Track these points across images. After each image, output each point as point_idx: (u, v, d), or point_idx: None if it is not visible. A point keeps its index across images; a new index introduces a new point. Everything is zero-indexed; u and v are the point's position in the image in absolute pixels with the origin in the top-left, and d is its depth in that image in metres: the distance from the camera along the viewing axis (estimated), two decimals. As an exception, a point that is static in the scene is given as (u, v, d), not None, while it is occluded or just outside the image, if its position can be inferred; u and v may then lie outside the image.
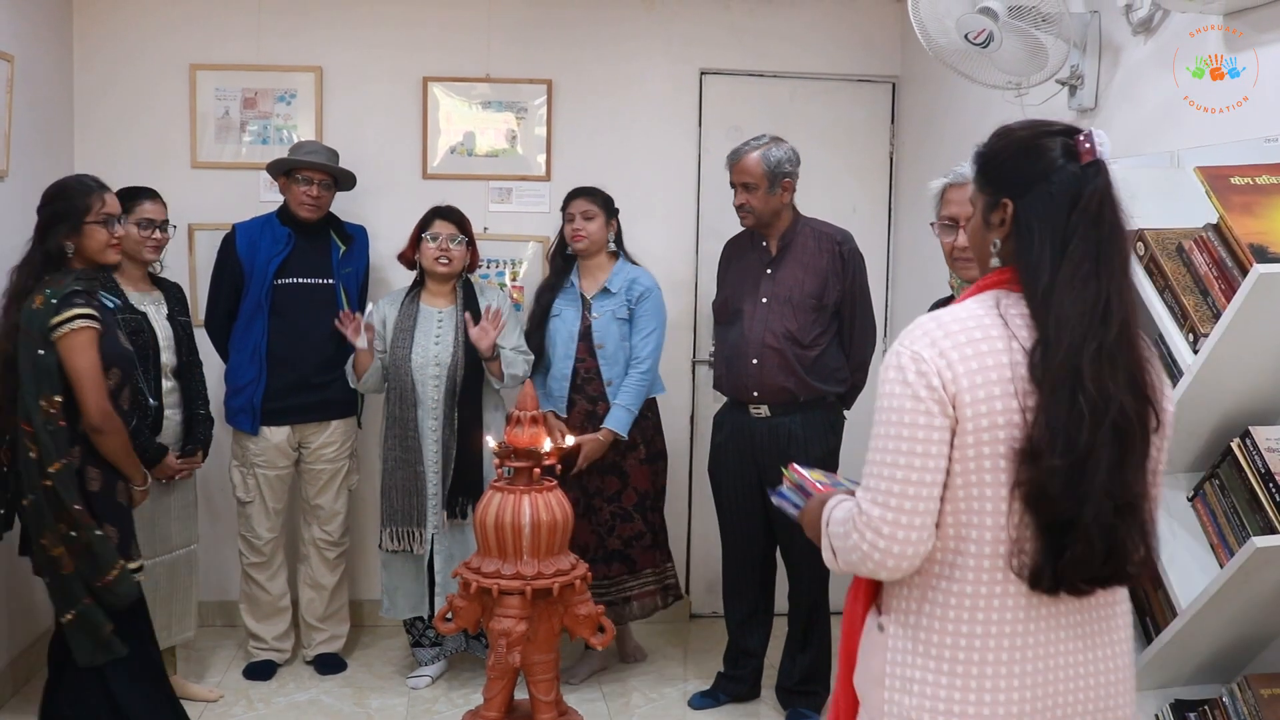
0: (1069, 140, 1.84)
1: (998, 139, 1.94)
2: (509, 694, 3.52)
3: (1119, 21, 3.43)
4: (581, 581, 3.42)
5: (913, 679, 1.86)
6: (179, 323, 4.10)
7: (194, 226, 4.85)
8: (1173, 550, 2.71)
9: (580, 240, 4.41)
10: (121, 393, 3.36)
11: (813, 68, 5.20)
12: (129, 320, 3.86)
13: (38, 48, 4.46)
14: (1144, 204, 2.84)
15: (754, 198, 4.03)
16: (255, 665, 4.53)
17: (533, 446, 3.40)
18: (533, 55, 5.06)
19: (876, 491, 1.81)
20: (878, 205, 5.29)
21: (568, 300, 4.47)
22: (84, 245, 3.31)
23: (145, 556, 3.93)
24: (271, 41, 4.93)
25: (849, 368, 4.14)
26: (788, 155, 4.05)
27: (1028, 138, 1.89)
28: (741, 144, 4.10)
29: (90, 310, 3.20)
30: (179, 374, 4.09)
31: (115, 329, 3.35)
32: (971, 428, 1.77)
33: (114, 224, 3.37)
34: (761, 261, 4.12)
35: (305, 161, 4.39)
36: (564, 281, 4.51)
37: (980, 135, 1.99)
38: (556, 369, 4.44)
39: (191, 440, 4.13)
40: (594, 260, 4.49)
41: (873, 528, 1.81)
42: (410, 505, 4.26)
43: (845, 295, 4.08)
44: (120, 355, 3.33)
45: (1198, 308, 2.57)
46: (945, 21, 3.44)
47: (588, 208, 4.43)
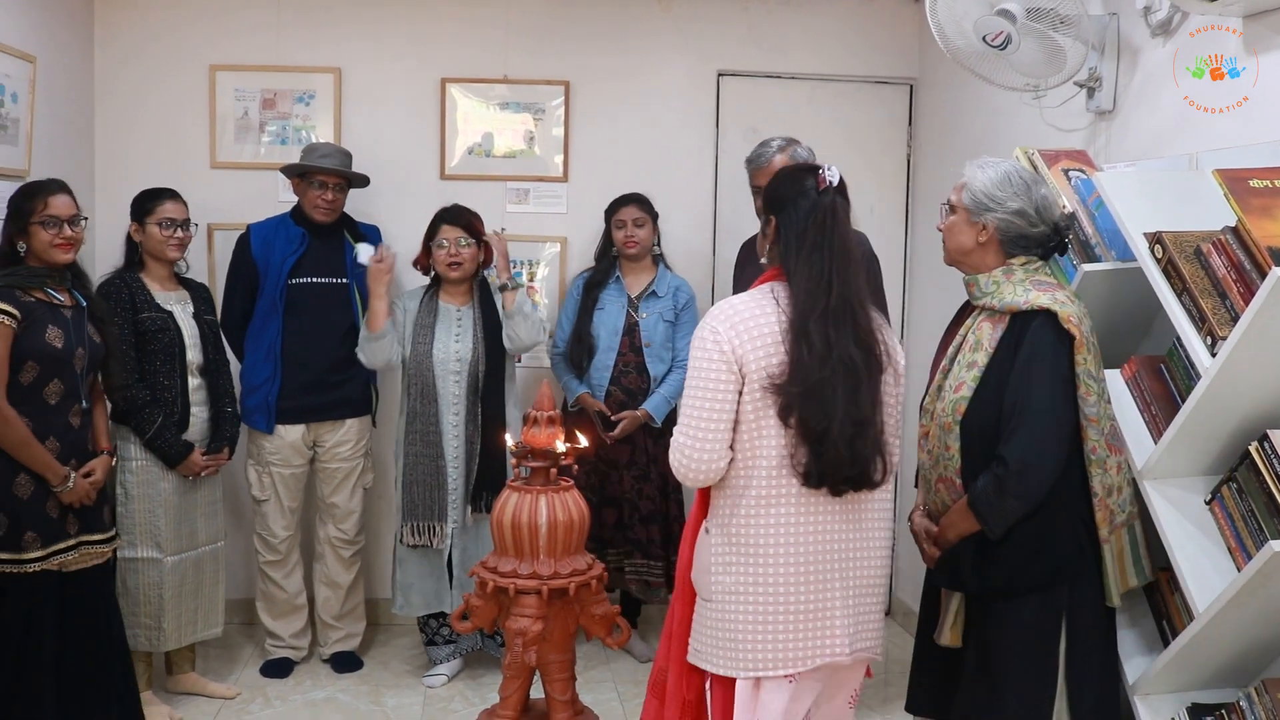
0: (814, 175, 2.61)
1: (774, 177, 2.76)
2: (525, 693, 3.52)
3: (1137, 24, 3.42)
4: (598, 581, 3.42)
5: (727, 563, 2.58)
6: (205, 321, 4.13)
7: (213, 226, 4.88)
8: (1190, 554, 2.71)
9: (633, 247, 4.66)
10: (46, 386, 3.42)
11: (830, 69, 5.20)
12: (154, 319, 3.90)
13: (59, 49, 4.49)
14: (1162, 206, 2.85)
15: None
16: (272, 663, 4.56)
17: (549, 447, 3.40)
18: (550, 56, 5.07)
19: (684, 425, 2.57)
20: (895, 207, 5.29)
21: (612, 296, 4.67)
22: (31, 244, 3.46)
23: (171, 553, 3.99)
24: (290, 42, 4.95)
25: None
26: (808, 157, 4.03)
27: (789, 173, 2.72)
28: (762, 147, 4.10)
29: (2, 307, 3.31)
30: (205, 372, 4.12)
31: (45, 325, 3.40)
32: (755, 378, 2.51)
33: (59, 225, 3.47)
34: None
35: (319, 166, 4.41)
36: (609, 278, 4.71)
37: (998, 137, 2.03)
38: (600, 359, 4.63)
39: (218, 438, 4.16)
40: (640, 263, 4.74)
41: (681, 450, 2.57)
42: (431, 500, 4.29)
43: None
44: (42, 351, 3.39)
45: (1216, 311, 2.56)
46: (963, 24, 3.43)
47: (639, 215, 4.69)
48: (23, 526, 3.38)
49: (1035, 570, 2.71)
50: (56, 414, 3.46)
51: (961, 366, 2.81)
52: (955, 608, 2.87)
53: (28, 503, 3.39)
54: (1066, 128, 3.79)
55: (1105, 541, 2.74)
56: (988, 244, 2.83)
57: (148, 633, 4.02)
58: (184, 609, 4.10)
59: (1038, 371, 2.66)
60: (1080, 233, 3.09)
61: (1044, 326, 2.68)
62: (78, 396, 3.52)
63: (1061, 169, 3.25)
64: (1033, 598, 2.72)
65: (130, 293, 3.93)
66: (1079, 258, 3.08)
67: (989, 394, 2.72)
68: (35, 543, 3.39)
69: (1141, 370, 2.92)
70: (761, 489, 2.54)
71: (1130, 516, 2.79)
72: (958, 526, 2.78)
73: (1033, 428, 2.63)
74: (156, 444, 3.94)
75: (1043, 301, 2.69)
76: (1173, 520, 2.76)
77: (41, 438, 3.40)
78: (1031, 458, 2.63)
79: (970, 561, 2.77)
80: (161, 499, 4.00)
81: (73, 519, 3.50)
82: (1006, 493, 2.64)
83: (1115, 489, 2.74)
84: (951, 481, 2.80)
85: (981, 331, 2.80)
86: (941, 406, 2.82)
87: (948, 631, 2.89)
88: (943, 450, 2.82)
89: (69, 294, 3.55)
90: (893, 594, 5.26)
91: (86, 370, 3.55)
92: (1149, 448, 2.83)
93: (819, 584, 2.56)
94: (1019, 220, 2.78)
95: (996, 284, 2.81)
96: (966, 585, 2.81)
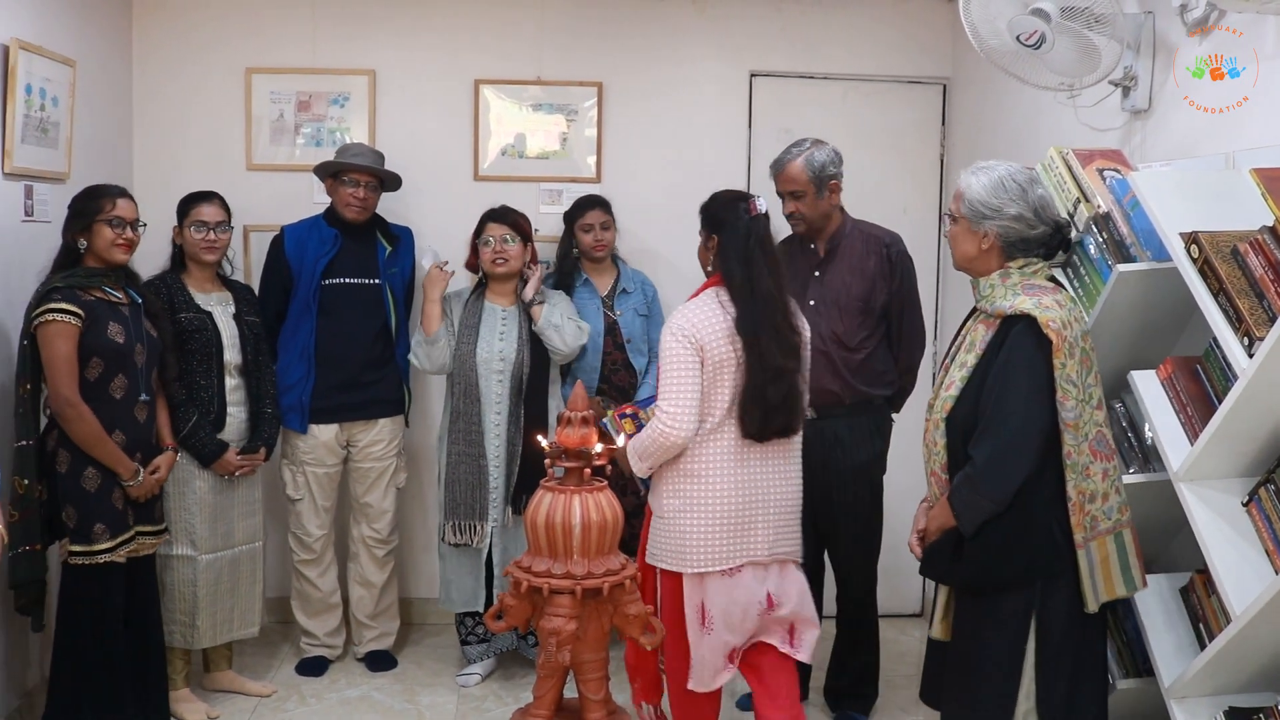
0: (745, 203, 3.33)
1: (712, 200, 3.45)
2: (558, 692, 3.53)
3: (1174, 22, 3.40)
4: (631, 581, 3.43)
5: (677, 489, 3.35)
6: (246, 322, 4.17)
7: (249, 228, 4.92)
8: (1227, 556, 2.69)
9: (601, 250, 4.71)
10: (111, 381, 3.60)
11: (863, 69, 5.19)
12: (191, 319, 3.95)
13: (98, 53, 4.55)
14: (1198, 206, 2.83)
15: (803, 204, 4.00)
16: (307, 661, 4.60)
17: (583, 447, 3.41)
18: (583, 58, 5.09)
19: (667, 397, 3.24)
20: (928, 207, 5.26)
21: (585, 299, 4.66)
22: (93, 243, 3.61)
23: (206, 551, 4.06)
24: (325, 45, 4.99)
25: (897, 371, 4.13)
26: (830, 157, 4.00)
27: (726, 200, 3.41)
28: (783, 152, 4.05)
29: (63, 306, 3.48)
30: (245, 372, 4.16)
31: (106, 322, 3.57)
32: (711, 360, 3.25)
33: (123, 226, 3.64)
34: (810, 264, 4.10)
35: (351, 164, 4.44)
36: (576, 282, 4.72)
37: (1032, 137, 2.03)
38: (587, 361, 4.63)
39: (256, 438, 4.20)
40: (603, 264, 4.78)
41: (667, 414, 3.24)
42: (473, 499, 4.32)
43: (893, 298, 4.05)
44: (106, 347, 3.57)
45: (1253, 311, 2.55)
46: (997, 23, 3.42)
47: (605, 218, 4.73)
48: (92, 519, 3.56)
49: (1005, 568, 2.81)
50: (122, 408, 3.64)
51: (955, 366, 2.92)
52: (945, 602, 3.01)
53: (95, 495, 3.57)
54: (1101, 127, 3.76)
55: (1080, 547, 2.77)
56: (990, 250, 2.91)
57: (183, 630, 4.07)
58: (219, 607, 4.14)
59: (1012, 375, 2.76)
60: (1115, 233, 3.08)
61: (1024, 331, 2.76)
62: (140, 391, 3.69)
63: (1096, 169, 3.24)
64: (1006, 595, 2.82)
65: (170, 293, 3.99)
66: (1114, 258, 3.06)
67: (972, 394, 2.83)
68: (104, 534, 3.58)
69: (1177, 371, 2.91)
70: (709, 434, 3.30)
71: (1118, 525, 2.81)
72: (939, 519, 2.93)
73: (1000, 429, 2.75)
74: (190, 442, 3.99)
75: (1025, 306, 2.76)
76: (1209, 522, 2.74)
77: (109, 431, 3.58)
78: (998, 458, 2.74)
79: (948, 555, 2.91)
80: (196, 497, 4.04)
81: (130, 511, 3.68)
82: (976, 491, 2.78)
83: (1098, 495, 2.78)
84: (939, 475, 2.95)
85: (976, 333, 2.91)
86: (936, 404, 2.95)
87: (938, 625, 3.03)
88: (933, 445, 2.95)
89: (125, 292, 3.71)
90: (924, 593, 5.25)
91: (147, 365, 3.72)
92: (1185, 449, 2.82)
93: (746, 505, 3.32)
94: (1018, 225, 2.86)
95: (992, 287, 2.90)
96: (944, 577, 2.99)
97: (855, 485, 4.07)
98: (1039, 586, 2.79)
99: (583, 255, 4.73)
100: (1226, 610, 2.64)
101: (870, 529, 4.17)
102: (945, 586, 3.02)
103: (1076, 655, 2.82)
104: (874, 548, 4.20)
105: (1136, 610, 3.04)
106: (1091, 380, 2.79)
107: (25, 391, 3.55)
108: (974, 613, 2.90)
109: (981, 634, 2.86)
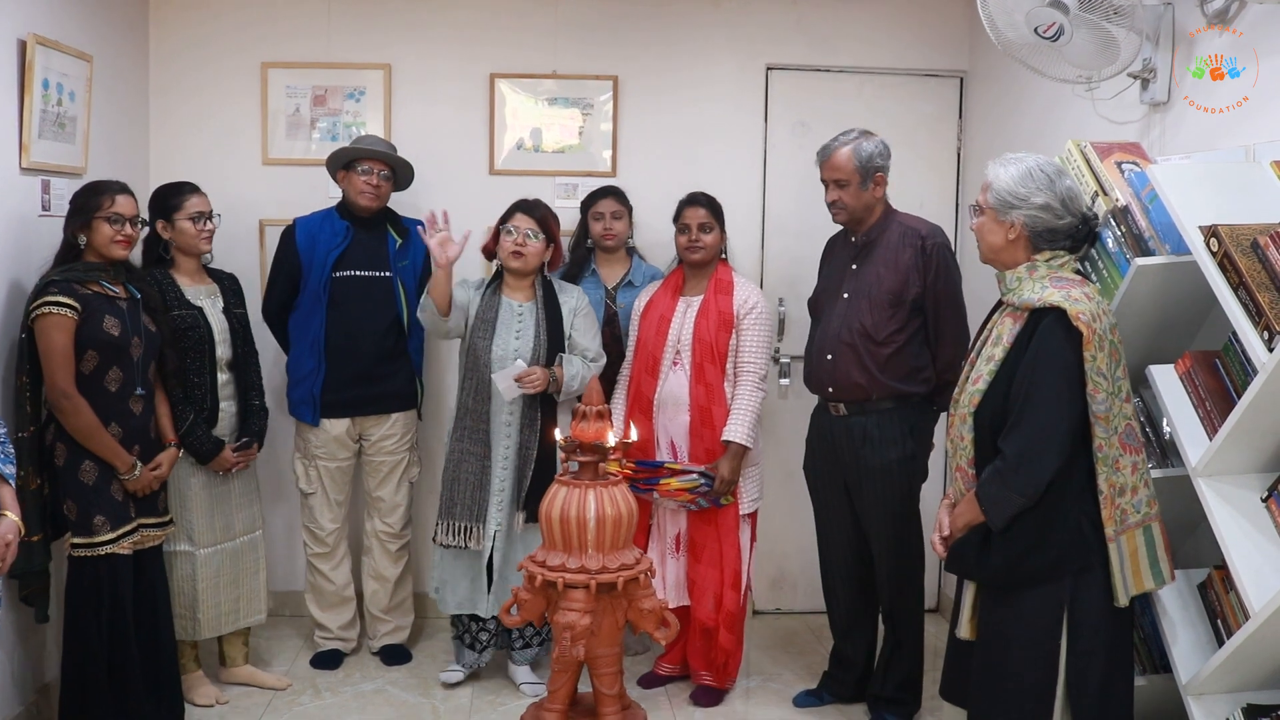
0: None
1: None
2: (573, 687, 3.53)
3: (1193, 13, 3.37)
4: (646, 576, 3.43)
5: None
6: (234, 315, 4.16)
7: (264, 222, 4.93)
8: (1246, 552, 2.67)
9: (611, 239, 4.67)
10: (106, 374, 3.63)
11: (880, 62, 5.17)
12: (184, 316, 3.94)
13: (115, 48, 4.56)
14: (1217, 199, 2.81)
15: (846, 194, 3.94)
16: (322, 654, 4.60)
17: (598, 441, 3.41)
18: (599, 52, 5.08)
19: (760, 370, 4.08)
20: (945, 201, 5.24)
21: (589, 289, 4.59)
22: (92, 239, 3.63)
23: (205, 544, 4.07)
24: (341, 40, 4.99)
25: (935, 367, 3.96)
26: (879, 149, 3.95)
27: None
28: (831, 140, 3.99)
29: (60, 299, 3.50)
30: (234, 366, 4.15)
31: (102, 315, 3.59)
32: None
33: (121, 223, 3.65)
34: (848, 257, 4.05)
35: (364, 150, 4.44)
36: (584, 271, 4.68)
37: (1050, 129, 2.02)
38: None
39: (246, 432, 4.19)
40: (615, 255, 4.74)
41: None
42: (473, 500, 4.20)
43: (928, 291, 3.92)
44: (101, 340, 3.59)
45: (1273, 305, 2.53)
46: (1014, 15, 3.39)
47: (617, 207, 4.68)
48: (92, 511, 3.59)
49: (1034, 562, 2.79)
50: (117, 401, 3.66)
51: (982, 360, 2.90)
52: (971, 600, 2.97)
53: (93, 488, 3.60)
54: (1120, 120, 3.74)
55: (1111, 540, 2.75)
56: (1017, 240, 2.89)
57: (182, 622, 4.06)
58: (223, 599, 4.14)
59: (1042, 368, 2.73)
60: (1134, 226, 3.06)
61: (1054, 323, 2.74)
62: (136, 384, 3.70)
63: (1115, 162, 3.22)
64: (1035, 590, 2.80)
65: (161, 291, 3.94)
66: (1132, 251, 3.04)
67: (1001, 388, 2.81)
68: (105, 526, 3.60)
69: (1196, 366, 2.89)
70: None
71: (1147, 518, 2.79)
72: (965, 515, 2.91)
73: (1032, 423, 2.73)
74: (188, 441, 3.97)
75: (1055, 299, 2.74)
76: (1228, 518, 2.73)
77: (105, 424, 3.60)
78: (1029, 452, 2.72)
79: (975, 551, 2.88)
80: (192, 493, 4.04)
81: (132, 503, 3.70)
82: (1006, 485, 2.75)
83: (1128, 489, 2.76)
84: (965, 471, 2.92)
85: (1003, 327, 2.88)
86: (962, 398, 2.92)
87: (965, 624, 2.99)
88: (959, 440, 2.93)
89: (123, 287, 3.72)
90: (940, 590, 5.23)
91: (144, 358, 3.72)
92: (1204, 444, 2.80)
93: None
94: (1045, 214, 2.84)
95: (1019, 280, 2.88)
96: (971, 573, 2.95)
97: (883, 485, 3.93)
98: (1069, 581, 2.77)
99: (595, 245, 4.71)
100: (1245, 607, 2.62)
101: (900, 537, 3.99)
102: (972, 584, 2.98)
103: (1109, 649, 2.80)
104: (907, 556, 4.02)
105: (1154, 606, 3.03)
106: (1120, 373, 2.77)
107: (22, 384, 3.58)
108: (1000, 609, 2.87)
109: (1008, 630, 2.85)
